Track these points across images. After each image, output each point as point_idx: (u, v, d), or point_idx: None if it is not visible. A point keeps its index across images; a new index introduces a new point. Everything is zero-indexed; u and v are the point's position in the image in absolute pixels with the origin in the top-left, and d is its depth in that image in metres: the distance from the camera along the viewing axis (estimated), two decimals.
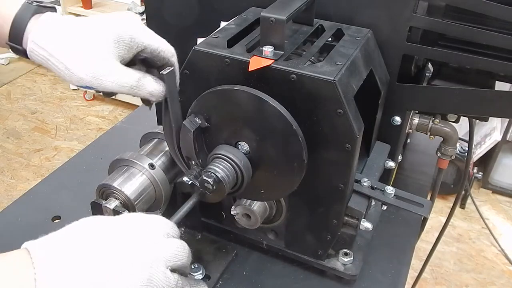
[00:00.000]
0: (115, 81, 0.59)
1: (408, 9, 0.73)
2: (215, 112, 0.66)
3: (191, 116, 0.67)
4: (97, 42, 0.59)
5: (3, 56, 3.67)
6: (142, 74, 0.62)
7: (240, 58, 0.65)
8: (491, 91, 0.80)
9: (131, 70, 0.61)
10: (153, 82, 0.63)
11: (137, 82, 0.61)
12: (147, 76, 0.62)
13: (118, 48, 0.60)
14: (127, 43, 0.60)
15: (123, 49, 0.60)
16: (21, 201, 0.94)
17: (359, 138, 0.64)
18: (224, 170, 0.65)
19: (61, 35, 0.60)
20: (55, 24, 0.61)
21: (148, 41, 0.62)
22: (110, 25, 0.60)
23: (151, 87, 0.62)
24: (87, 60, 0.59)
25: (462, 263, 2.18)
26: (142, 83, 0.61)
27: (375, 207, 0.86)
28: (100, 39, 0.59)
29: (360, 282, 0.79)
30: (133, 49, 0.61)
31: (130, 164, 0.73)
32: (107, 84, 0.59)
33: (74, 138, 2.93)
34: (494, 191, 2.58)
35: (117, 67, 0.60)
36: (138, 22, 0.63)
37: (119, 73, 0.60)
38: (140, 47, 0.62)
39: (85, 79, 0.59)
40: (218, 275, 0.78)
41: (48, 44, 0.59)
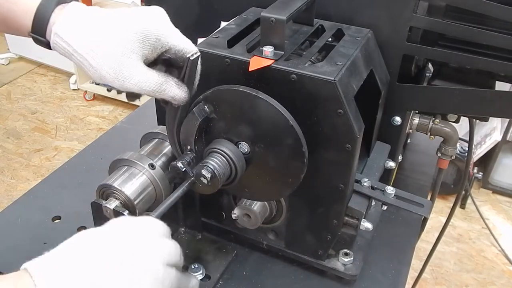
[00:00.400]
0: (136, 84, 0.58)
1: (408, 9, 0.73)
2: (222, 107, 0.66)
3: (201, 103, 0.67)
4: (122, 41, 0.57)
5: (3, 56, 3.67)
6: (164, 79, 0.60)
7: (240, 58, 0.65)
8: (491, 91, 0.80)
9: (154, 74, 0.59)
10: (175, 87, 0.60)
11: (160, 86, 0.59)
12: (169, 81, 0.60)
13: (143, 48, 0.58)
14: (152, 43, 0.59)
15: (148, 49, 0.59)
16: (21, 201, 0.94)
17: (359, 138, 0.64)
18: (222, 167, 0.65)
19: (85, 30, 0.58)
20: (80, 16, 0.59)
21: (174, 41, 0.60)
22: (136, 22, 0.58)
23: (173, 92, 0.60)
24: (111, 59, 0.57)
25: (462, 263, 2.18)
26: (164, 88, 0.60)
27: (375, 207, 0.86)
28: (125, 38, 0.57)
29: (360, 282, 0.79)
30: (158, 49, 0.60)
31: (130, 164, 0.73)
32: (128, 86, 0.58)
33: (74, 138, 2.93)
34: (494, 191, 2.58)
35: (140, 69, 0.58)
36: (165, 20, 0.61)
37: (141, 76, 0.58)
38: (165, 48, 0.60)
39: (107, 78, 0.58)
40: (218, 275, 0.78)
41: (72, 39, 0.58)
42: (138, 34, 0.58)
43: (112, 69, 0.57)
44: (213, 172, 0.64)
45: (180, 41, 0.61)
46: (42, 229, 0.87)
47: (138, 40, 0.57)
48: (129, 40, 0.57)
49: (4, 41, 3.63)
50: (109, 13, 0.60)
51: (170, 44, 0.60)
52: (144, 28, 0.58)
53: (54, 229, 0.87)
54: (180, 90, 0.61)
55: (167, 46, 0.60)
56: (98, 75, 0.58)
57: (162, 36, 0.59)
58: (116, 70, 0.57)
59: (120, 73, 0.57)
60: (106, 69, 0.57)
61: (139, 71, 0.58)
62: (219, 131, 0.68)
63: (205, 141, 0.69)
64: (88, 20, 0.59)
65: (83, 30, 0.58)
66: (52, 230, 0.86)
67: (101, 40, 0.57)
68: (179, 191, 0.64)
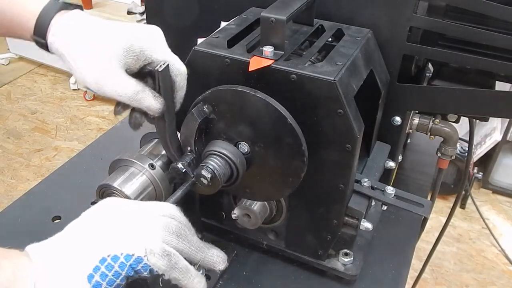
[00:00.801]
0: (114, 89, 0.60)
1: (408, 9, 0.73)
2: (221, 108, 0.66)
3: (200, 104, 0.67)
4: (108, 48, 0.60)
5: (3, 56, 3.67)
6: (142, 88, 0.62)
7: (240, 58, 0.65)
8: (491, 91, 0.80)
9: (133, 82, 0.61)
10: (151, 97, 0.62)
11: (136, 95, 0.61)
12: (146, 91, 0.62)
13: (126, 56, 0.60)
14: (136, 53, 0.61)
15: (131, 59, 0.61)
16: (21, 201, 0.94)
17: (360, 138, 0.64)
18: (222, 168, 0.65)
19: (78, 35, 0.61)
20: (76, 23, 0.62)
21: (157, 56, 0.62)
22: (125, 33, 0.61)
23: (148, 102, 0.62)
24: (94, 63, 0.60)
25: (462, 263, 2.18)
26: (141, 97, 0.62)
27: (375, 207, 0.86)
28: (111, 45, 0.60)
29: (360, 282, 0.79)
30: (141, 60, 0.62)
31: (130, 164, 0.73)
32: (106, 90, 0.60)
33: (74, 138, 2.93)
34: (494, 191, 2.58)
35: (119, 76, 0.60)
36: (156, 37, 0.63)
37: (119, 82, 0.60)
38: (147, 60, 0.62)
39: (88, 82, 0.60)
40: (218, 275, 0.78)
41: (65, 41, 0.61)
42: (124, 42, 0.60)
43: (93, 72, 0.60)
44: (213, 172, 0.64)
45: (165, 57, 0.63)
46: (42, 229, 0.86)
47: (123, 48, 0.60)
48: (115, 47, 0.60)
49: (4, 41, 3.63)
50: (106, 23, 0.63)
51: (153, 58, 0.62)
52: (130, 38, 0.61)
53: (54, 229, 0.86)
54: (156, 101, 0.63)
55: (150, 59, 0.62)
56: (81, 76, 0.61)
57: (146, 48, 0.62)
58: (96, 74, 0.60)
59: (99, 77, 0.60)
60: (88, 72, 0.60)
61: (119, 78, 0.60)
62: (219, 132, 0.68)
63: (205, 142, 0.69)
64: (83, 26, 0.62)
65: (76, 34, 0.61)
66: (52, 230, 0.86)
67: (89, 45, 0.60)
68: (179, 192, 0.64)
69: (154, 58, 0.62)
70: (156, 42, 0.63)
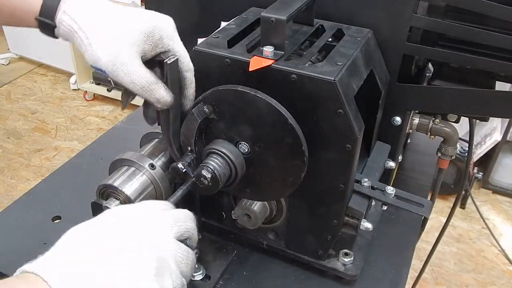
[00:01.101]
0: (128, 74, 0.59)
1: (408, 9, 0.73)
2: (222, 107, 0.66)
3: (200, 104, 0.67)
4: (128, 29, 0.59)
5: (3, 56, 3.67)
6: (155, 79, 0.61)
7: (240, 58, 0.65)
8: (491, 91, 0.80)
9: (148, 71, 0.61)
10: (163, 89, 0.62)
11: (149, 85, 0.60)
12: (159, 83, 0.62)
13: (145, 42, 0.59)
14: (155, 40, 0.60)
15: (149, 45, 0.60)
16: (21, 201, 0.94)
17: (360, 138, 0.64)
18: (222, 168, 0.65)
19: (96, 12, 0.60)
20: (91, 1, 0.61)
21: (175, 45, 0.62)
22: (146, 18, 0.60)
23: (159, 94, 0.61)
24: (112, 42, 0.58)
25: (462, 263, 2.18)
26: (153, 88, 0.61)
27: (375, 207, 0.86)
28: (132, 27, 0.59)
29: (360, 282, 0.79)
30: (158, 48, 0.61)
31: (131, 164, 0.73)
32: (119, 74, 0.59)
33: (74, 138, 2.93)
34: (494, 191, 2.58)
35: (135, 62, 0.59)
36: (173, 26, 0.63)
37: (135, 69, 0.59)
38: (164, 49, 0.62)
39: (102, 61, 0.59)
40: (218, 275, 0.78)
41: (80, 17, 0.60)
42: (145, 28, 0.59)
43: (109, 52, 0.58)
44: (213, 172, 0.64)
45: (180, 48, 0.63)
46: (42, 229, 0.87)
47: (143, 33, 0.59)
48: (136, 30, 0.59)
49: (4, 41, 3.63)
50: (121, 6, 0.62)
51: (170, 47, 0.62)
52: (152, 25, 0.60)
53: (54, 229, 0.86)
54: (167, 93, 0.62)
55: (167, 48, 0.62)
56: (95, 55, 0.59)
57: (166, 37, 0.61)
58: (113, 55, 0.58)
59: (115, 59, 0.58)
60: (103, 51, 0.58)
61: (134, 64, 0.59)
62: (219, 132, 0.68)
63: (205, 142, 0.69)
64: (100, 5, 0.61)
65: (93, 11, 0.60)
66: (52, 230, 0.86)
67: (108, 25, 0.59)
68: (179, 192, 0.64)
69: (171, 47, 0.62)
70: (173, 31, 0.63)
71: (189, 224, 0.53)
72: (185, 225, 0.52)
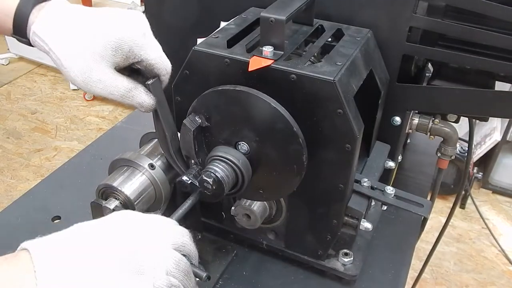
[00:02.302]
0: (104, 88, 0.59)
1: (408, 9, 0.73)
2: (215, 112, 0.66)
3: (191, 115, 0.67)
4: (94, 46, 0.58)
5: (3, 56, 3.67)
6: (133, 85, 0.61)
7: (240, 58, 0.65)
8: (491, 91, 0.80)
9: (124, 80, 0.60)
10: (144, 94, 0.62)
11: (128, 92, 0.61)
12: (138, 87, 0.61)
13: (115, 56, 0.59)
14: (125, 53, 0.59)
15: (120, 58, 0.59)
16: (21, 201, 0.94)
17: (359, 138, 0.64)
18: (224, 170, 0.65)
19: (61, 29, 0.59)
20: (58, 16, 0.60)
21: (147, 55, 0.60)
22: (112, 30, 0.58)
23: (140, 98, 0.62)
24: (81, 63, 0.58)
25: (462, 263, 2.18)
26: (133, 94, 0.61)
27: (375, 207, 0.86)
28: (98, 43, 0.58)
29: (360, 282, 0.79)
30: (130, 59, 0.60)
31: (130, 164, 0.73)
32: (96, 90, 0.59)
33: (74, 138, 2.92)
34: (494, 191, 2.58)
35: (109, 75, 0.59)
36: (143, 30, 0.61)
37: (110, 81, 0.59)
38: (137, 59, 0.60)
39: (76, 81, 0.59)
40: (218, 275, 0.78)
41: (48, 37, 0.59)
42: (112, 43, 0.58)
43: (80, 72, 0.58)
44: (215, 175, 0.64)
45: (153, 55, 0.61)
46: (42, 229, 0.86)
47: (111, 47, 0.58)
48: (101, 46, 0.58)
49: (4, 41, 3.63)
50: (89, 14, 0.61)
51: (142, 57, 0.60)
52: (119, 37, 0.58)
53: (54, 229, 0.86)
54: (148, 97, 0.62)
55: (139, 58, 0.60)
56: (69, 76, 0.59)
57: (136, 48, 0.59)
58: (85, 74, 0.58)
59: (88, 77, 0.58)
60: (75, 71, 0.58)
61: (108, 77, 0.59)
62: (217, 138, 0.68)
63: (206, 151, 0.69)
64: (66, 20, 0.59)
65: (58, 29, 0.59)
66: (52, 230, 0.86)
67: (74, 42, 0.58)
68: (186, 204, 0.64)
69: (144, 57, 0.60)
70: (144, 37, 0.60)
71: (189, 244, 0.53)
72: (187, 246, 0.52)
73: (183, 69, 0.69)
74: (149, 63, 0.61)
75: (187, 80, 0.69)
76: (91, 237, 0.48)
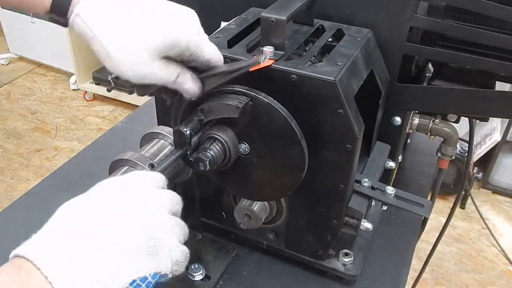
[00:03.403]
0: (154, 76, 0.57)
1: (408, 9, 0.73)
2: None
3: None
4: (150, 41, 0.55)
5: (3, 56, 3.67)
6: (181, 70, 0.59)
7: (240, 58, 0.65)
8: (491, 91, 0.80)
9: (172, 66, 0.58)
10: (191, 80, 0.60)
11: (177, 78, 0.59)
12: (186, 73, 0.59)
13: (169, 51, 0.56)
14: (181, 50, 0.57)
15: (174, 53, 0.57)
16: (21, 201, 0.94)
17: (360, 138, 0.64)
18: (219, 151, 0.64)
19: (110, 16, 0.54)
20: (107, 1, 0.55)
21: (202, 51, 0.59)
22: (168, 26, 0.56)
23: (187, 85, 0.60)
24: (133, 57, 0.55)
25: (462, 263, 2.18)
26: (180, 80, 0.59)
27: (375, 207, 0.86)
28: (154, 39, 0.55)
29: (361, 282, 0.79)
30: (185, 56, 0.58)
31: (131, 164, 0.73)
32: (145, 78, 0.57)
33: (74, 138, 2.92)
34: (494, 191, 2.58)
35: (160, 65, 0.56)
36: (197, 26, 0.59)
37: (160, 69, 0.56)
38: (192, 55, 0.58)
39: (125, 74, 0.55)
40: (218, 275, 0.78)
41: (93, 22, 0.54)
42: (169, 40, 0.55)
43: (131, 66, 0.55)
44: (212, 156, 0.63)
45: (208, 50, 0.60)
46: None
47: (167, 45, 0.55)
48: (158, 42, 0.55)
49: (4, 41, 3.63)
50: (143, 3, 0.57)
51: (199, 54, 0.59)
52: (175, 37, 0.56)
53: None
54: (195, 84, 0.60)
55: (196, 56, 0.59)
56: (116, 68, 0.55)
57: (192, 46, 0.57)
58: (138, 69, 0.55)
59: (140, 71, 0.55)
60: (126, 64, 0.55)
61: (159, 66, 0.56)
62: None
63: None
64: (116, 6, 0.56)
65: (108, 16, 0.55)
66: None
67: (126, 33, 0.54)
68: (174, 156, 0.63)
69: (200, 54, 0.59)
70: (198, 34, 0.59)
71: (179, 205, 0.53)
72: (177, 206, 0.52)
73: None
74: (205, 58, 0.60)
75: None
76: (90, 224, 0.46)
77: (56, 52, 3.28)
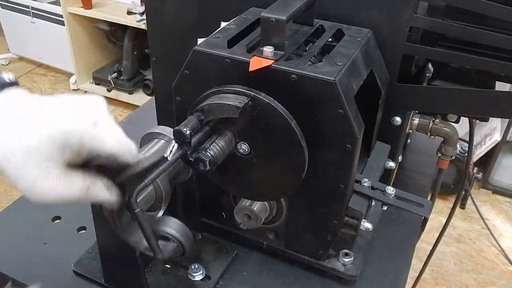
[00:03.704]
0: (57, 196, 0.50)
1: (408, 9, 0.73)
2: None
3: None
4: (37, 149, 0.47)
5: (3, 56, 3.67)
6: (91, 180, 0.51)
7: (240, 58, 0.65)
8: (491, 91, 0.80)
9: (78, 178, 0.50)
10: (105, 190, 0.52)
11: (86, 191, 0.51)
12: (97, 183, 0.52)
13: (62, 155, 0.48)
14: (75, 149, 0.49)
15: (70, 155, 0.49)
16: (21, 201, 0.94)
17: (360, 138, 0.64)
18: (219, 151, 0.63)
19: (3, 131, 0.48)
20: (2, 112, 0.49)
21: (102, 147, 0.50)
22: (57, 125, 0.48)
23: (102, 196, 0.52)
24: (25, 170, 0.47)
25: (462, 263, 2.18)
26: (91, 193, 0.51)
27: (375, 207, 0.86)
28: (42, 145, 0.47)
29: (360, 283, 0.79)
30: (83, 155, 0.50)
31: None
32: (48, 201, 0.50)
33: None
34: (494, 191, 2.58)
35: (59, 178, 0.49)
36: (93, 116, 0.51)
37: (61, 186, 0.49)
38: (92, 154, 0.50)
39: (25, 194, 0.49)
40: (218, 275, 0.78)
41: None
42: (57, 140, 0.48)
43: (27, 183, 0.48)
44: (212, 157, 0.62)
45: (111, 143, 0.51)
46: (42, 229, 0.87)
47: (57, 147, 0.48)
48: (46, 147, 0.47)
49: (4, 41, 3.63)
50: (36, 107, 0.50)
51: (98, 150, 0.50)
52: (64, 134, 0.48)
53: (54, 229, 0.86)
54: (110, 193, 0.53)
55: (95, 153, 0.51)
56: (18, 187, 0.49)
57: (87, 142, 0.49)
58: (31, 185, 0.48)
59: (36, 188, 0.48)
60: (21, 182, 0.48)
61: (58, 182, 0.49)
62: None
63: None
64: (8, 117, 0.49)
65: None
66: (52, 230, 0.86)
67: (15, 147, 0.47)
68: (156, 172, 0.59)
69: (100, 149, 0.50)
70: (96, 127, 0.50)
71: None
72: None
73: (184, 69, 0.69)
74: (108, 154, 0.51)
75: (187, 80, 0.69)
76: None
77: (56, 52, 3.28)
